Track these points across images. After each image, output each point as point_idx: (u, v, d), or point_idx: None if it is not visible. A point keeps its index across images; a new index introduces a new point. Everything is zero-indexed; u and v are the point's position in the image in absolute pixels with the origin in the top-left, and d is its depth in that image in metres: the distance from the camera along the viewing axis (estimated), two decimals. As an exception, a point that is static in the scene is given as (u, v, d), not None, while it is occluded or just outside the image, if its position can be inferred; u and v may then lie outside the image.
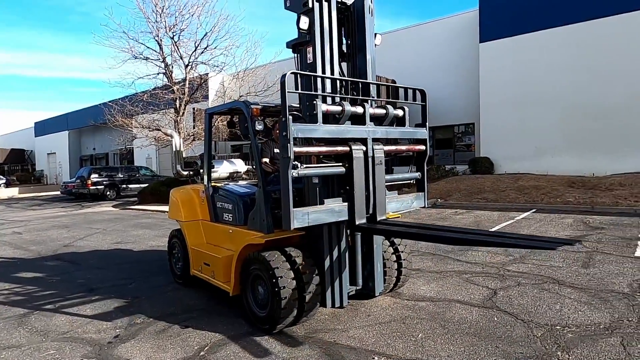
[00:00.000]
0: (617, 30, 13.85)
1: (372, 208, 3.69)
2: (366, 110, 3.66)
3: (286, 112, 3.06)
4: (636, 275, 5.02)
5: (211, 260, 4.51)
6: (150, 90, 17.26)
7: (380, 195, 3.74)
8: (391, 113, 3.90)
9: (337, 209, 3.50)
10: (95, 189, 20.25)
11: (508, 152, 16.06)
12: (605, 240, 7.03)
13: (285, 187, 3.16)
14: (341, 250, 3.86)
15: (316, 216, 3.36)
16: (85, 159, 38.96)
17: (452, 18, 18.26)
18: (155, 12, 15.88)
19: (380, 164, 3.74)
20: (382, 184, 3.75)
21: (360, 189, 3.58)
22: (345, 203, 3.56)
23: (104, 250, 7.96)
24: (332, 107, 3.49)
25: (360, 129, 3.62)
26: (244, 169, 5.63)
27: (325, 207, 3.45)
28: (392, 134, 3.92)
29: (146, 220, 12.42)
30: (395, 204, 4.02)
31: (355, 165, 3.53)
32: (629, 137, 13.82)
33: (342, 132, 3.50)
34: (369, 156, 3.64)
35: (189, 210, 5.19)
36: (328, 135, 3.41)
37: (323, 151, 3.46)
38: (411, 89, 4.04)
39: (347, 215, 3.55)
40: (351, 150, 3.52)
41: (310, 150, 3.40)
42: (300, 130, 3.19)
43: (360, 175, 3.58)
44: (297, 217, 3.22)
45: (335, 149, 3.49)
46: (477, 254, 6.41)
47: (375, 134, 3.72)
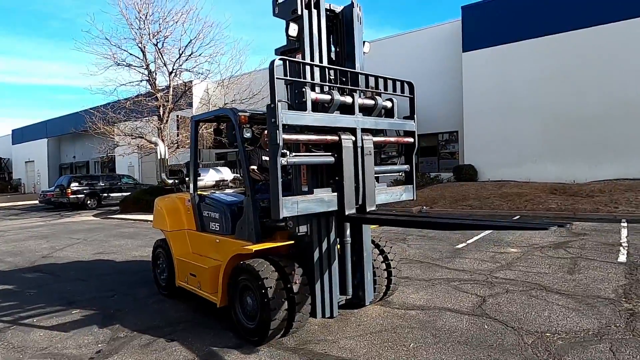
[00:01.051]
0: (593, 41, 14.25)
1: (361, 199, 3.67)
2: (355, 100, 3.65)
3: (275, 99, 3.03)
4: (620, 281, 5.09)
5: (197, 271, 4.41)
6: (133, 97, 17.02)
7: (369, 186, 3.72)
8: (380, 104, 3.90)
9: (327, 199, 3.47)
10: (76, 198, 19.76)
11: (491, 159, 16.29)
12: (588, 246, 7.14)
13: (274, 174, 3.10)
14: (331, 259, 3.81)
15: (305, 205, 3.32)
16: (65, 167, 38.06)
17: (435, 28, 18.55)
18: (139, 18, 15.75)
19: (370, 154, 3.73)
20: (371, 174, 3.74)
21: (349, 179, 3.56)
22: (334, 193, 3.53)
23: (85, 261, 7.72)
24: (321, 96, 3.47)
25: (349, 119, 3.61)
26: (230, 177, 5.56)
27: (314, 197, 3.42)
28: (381, 124, 3.93)
29: (128, 229, 12.15)
30: (384, 195, 4.01)
31: (344, 154, 3.51)
32: (606, 144, 14.18)
33: (331, 120, 3.47)
34: (358, 146, 3.63)
35: (174, 220, 5.08)
36: (317, 123, 3.38)
37: (312, 139, 3.43)
38: (399, 81, 4.04)
39: (337, 205, 3.53)
40: (340, 139, 3.50)
41: (299, 138, 3.35)
42: (289, 117, 3.16)
43: (350, 165, 3.56)
44: (286, 206, 3.16)
45: (324, 138, 3.47)
46: (464, 261, 6.43)
47: (365, 124, 3.71)
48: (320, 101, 3.46)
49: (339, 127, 3.54)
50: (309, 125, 3.36)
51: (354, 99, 3.63)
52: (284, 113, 3.09)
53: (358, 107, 3.66)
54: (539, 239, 7.92)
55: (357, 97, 3.67)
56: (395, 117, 4.07)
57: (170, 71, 16.45)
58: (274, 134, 3.04)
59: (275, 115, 3.02)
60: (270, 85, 3.06)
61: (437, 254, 7.01)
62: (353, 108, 3.64)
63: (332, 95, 3.48)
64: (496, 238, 8.17)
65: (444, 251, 7.19)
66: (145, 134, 16.11)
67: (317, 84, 3.57)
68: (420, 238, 8.53)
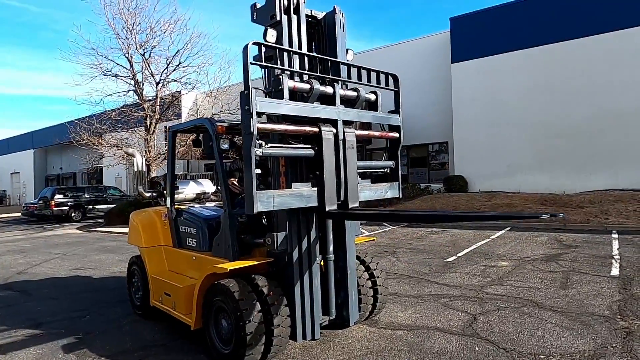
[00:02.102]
0: (580, 53, 14.35)
1: (343, 195, 3.46)
2: (336, 91, 3.46)
3: (248, 85, 2.85)
4: (614, 296, 4.93)
5: (172, 290, 4.15)
6: (119, 108, 16.73)
7: (352, 181, 3.52)
8: (363, 96, 3.72)
9: (306, 194, 3.26)
10: (59, 210, 19.28)
11: (481, 170, 16.23)
12: (580, 259, 7.00)
13: (248, 167, 2.90)
14: (313, 277, 3.58)
15: (282, 200, 3.10)
16: (51, 179, 37.41)
17: (425, 39, 18.62)
18: (126, 28, 15.55)
19: (352, 147, 3.54)
20: (353, 169, 3.55)
21: (330, 173, 3.36)
22: (314, 188, 3.33)
23: (61, 278, 7.38)
24: (299, 84, 3.28)
25: (330, 109, 3.42)
26: (212, 190, 5.32)
27: (292, 191, 3.21)
28: (364, 117, 3.74)
29: (111, 243, 11.79)
30: (368, 192, 3.82)
31: (325, 147, 3.32)
32: (595, 155, 14.20)
33: (310, 111, 3.28)
34: (339, 139, 3.44)
35: (150, 235, 4.82)
36: (295, 113, 3.18)
37: (290, 130, 3.22)
38: (383, 73, 3.88)
39: (317, 200, 3.32)
40: (321, 131, 3.31)
41: (275, 128, 3.15)
42: (264, 105, 2.96)
43: (331, 159, 3.37)
44: (261, 200, 2.95)
45: (303, 129, 3.27)
46: (454, 275, 6.23)
47: (347, 116, 3.53)
48: (298, 90, 3.28)
49: (319, 118, 3.35)
50: (287, 115, 3.17)
51: (335, 89, 3.46)
52: (258, 100, 2.91)
53: (339, 99, 3.48)
54: (530, 252, 7.76)
55: (339, 88, 3.50)
56: (379, 110, 3.90)
57: (158, 81, 16.23)
58: (247, 122, 2.85)
59: (249, 102, 2.83)
60: (244, 71, 2.88)
61: (427, 267, 6.81)
62: (334, 99, 3.46)
63: (312, 84, 3.29)
64: (487, 251, 8.01)
65: (433, 265, 6.99)
66: (125, 145, 15.80)
67: (296, 71, 3.36)
68: (409, 251, 8.33)
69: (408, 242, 9.51)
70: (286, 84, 3.14)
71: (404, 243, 9.34)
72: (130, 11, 15.53)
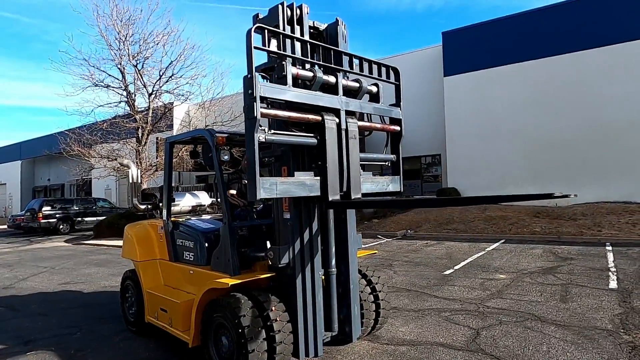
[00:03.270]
0: (570, 67, 14.60)
1: (346, 185, 3.41)
2: (339, 81, 3.44)
3: (252, 69, 2.80)
4: (615, 310, 4.90)
5: (169, 306, 4.02)
6: (110, 118, 16.57)
7: (354, 172, 3.47)
8: (365, 87, 3.70)
9: (309, 183, 3.21)
10: (47, 223, 18.88)
11: (474, 182, 16.29)
12: (577, 271, 6.99)
13: (251, 152, 2.83)
14: (315, 292, 3.50)
15: (285, 187, 3.04)
16: (39, 190, 36.78)
17: (418, 52, 18.82)
18: (119, 39, 15.47)
19: (355, 138, 3.50)
20: (356, 160, 3.50)
21: (333, 162, 3.31)
22: (317, 177, 3.27)
23: (49, 293, 7.16)
24: (302, 72, 3.24)
25: (333, 98, 3.39)
26: (208, 202, 5.22)
27: (295, 180, 3.15)
28: (366, 108, 3.72)
29: (101, 256, 11.54)
30: (370, 184, 3.77)
31: (327, 136, 3.28)
32: (585, 168, 14.36)
33: (313, 98, 3.24)
34: (342, 128, 3.40)
35: (145, 249, 4.69)
36: (298, 99, 3.13)
37: (293, 117, 3.16)
38: (384, 66, 3.86)
39: (319, 190, 3.26)
40: (323, 119, 3.27)
41: (278, 114, 3.09)
42: (267, 90, 2.92)
43: (333, 148, 3.33)
44: (264, 187, 2.88)
45: (306, 117, 3.22)
46: (453, 288, 6.17)
47: (349, 106, 3.50)
48: (301, 78, 3.25)
49: (322, 107, 3.31)
50: (290, 101, 3.12)
51: (337, 79, 3.43)
52: (262, 85, 2.87)
53: (342, 89, 3.46)
54: (527, 264, 7.75)
55: (341, 78, 3.48)
56: (381, 102, 3.89)
57: (150, 92, 16.13)
58: (250, 107, 2.81)
59: (252, 86, 2.79)
60: (247, 55, 2.83)
61: (425, 281, 6.74)
62: (337, 89, 3.43)
63: (315, 72, 3.26)
64: (484, 263, 7.97)
65: (431, 278, 6.93)
66: (120, 156, 15.61)
67: (299, 58, 3.31)
68: (406, 264, 8.26)
69: (404, 254, 9.44)
70: (289, 70, 3.10)
71: (399, 256, 9.27)
72: (124, 22, 15.50)
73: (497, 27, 16.36)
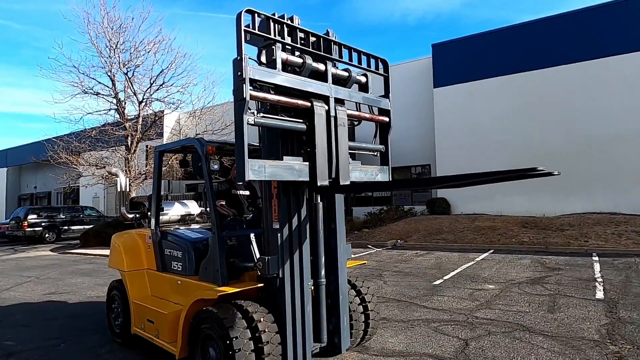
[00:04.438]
0: (556, 80, 14.90)
1: (334, 172, 3.42)
2: (328, 69, 3.47)
3: (242, 52, 2.81)
4: (602, 320, 4.95)
5: (155, 317, 3.96)
6: (99, 126, 16.43)
7: (343, 159, 3.48)
8: (354, 76, 3.74)
9: (297, 167, 3.22)
10: (32, 231, 18.54)
11: (463, 193, 16.39)
12: (564, 282, 7.05)
13: (239, 134, 2.83)
14: (304, 303, 3.48)
15: (274, 170, 3.05)
16: (24, 198, 36.19)
17: (408, 64, 19.03)
18: (109, 47, 15.42)
19: (343, 125, 3.53)
20: (345, 148, 3.53)
21: (322, 148, 3.33)
22: (306, 163, 3.28)
23: (33, 303, 7.01)
24: (292, 58, 3.26)
25: (322, 85, 3.41)
26: (197, 211, 5.19)
27: (284, 163, 3.15)
28: (355, 97, 3.76)
29: (87, 266, 11.36)
30: (358, 172, 3.78)
31: (317, 122, 3.30)
32: (571, 179, 14.55)
33: (303, 84, 3.26)
34: (331, 116, 3.42)
35: (133, 258, 4.63)
36: (287, 84, 3.15)
37: (282, 101, 3.18)
38: (373, 57, 3.90)
39: (308, 175, 3.27)
40: (313, 105, 3.29)
41: (267, 97, 3.10)
42: (257, 72, 2.93)
43: (322, 135, 3.35)
44: (253, 169, 2.88)
45: (295, 102, 3.24)
46: (442, 299, 6.18)
47: (338, 94, 3.53)
48: (290, 63, 3.27)
49: (311, 93, 3.33)
50: (279, 85, 3.14)
51: (327, 66, 3.46)
52: (252, 67, 2.88)
53: (331, 77, 3.49)
54: (515, 274, 7.80)
55: (330, 66, 3.51)
56: (369, 92, 3.93)
57: (141, 100, 16.05)
58: (240, 88, 2.82)
59: (242, 68, 2.80)
60: (237, 38, 2.85)
61: (414, 291, 6.75)
62: (326, 76, 3.46)
63: (305, 59, 3.29)
64: (473, 274, 8.01)
65: (421, 288, 6.94)
66: (108, 165, 15.46)
67: (288, 44, 3.32)
68: (396, 274, 8.27)
69: (394, 264, 9.45)
70: (279, 55, 3.13)
71: (389, 266, 9.28)
72: (115, 30, 15.46)
73: (486, 40, 16.66)
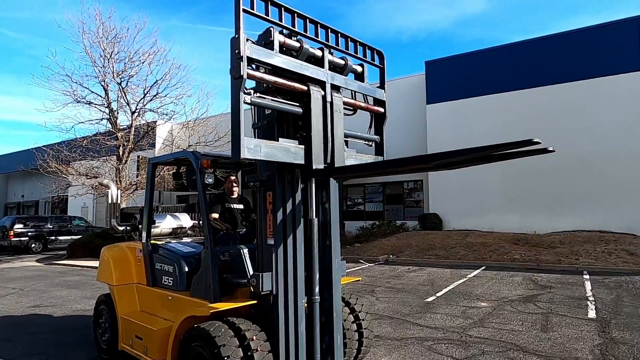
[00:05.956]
0: (548, 99, 15.14)
1: (330, 157, 3.41)
2: (325, 55, 3.48)
3: (239, 30, 2.80)
4: (595, 340, 4.93)
5: (144, 333, 3.86)
6: (91, 135, 16.27)
7: (338, 145, 3.47)
8: (350, 64, 3.76)
9: (293, 150, 3.21)
10: (18, 241, 18.17)
11: (455, 208, 16.50)
12: (557, 300, 7.05)
13: (235, 111, 2.80)
14: (298, 320, 3.41)
15: (269, 151, 3.02)
16: (11, 207, 35.61)
17: (401, 80, 19.23)
18: (104, 57, 15.37)
19: (339, 112, 3.54)
20: (340, 134, 3.52)
21: (318, 132, 3.32)
22: (301, 146, 3.27)
23: (16, 317, 6.82)
24: (289, 41, 3.26)
25: (319, 70, 3.41)
26: (189, 224, 5.12)
27: (280, 144, 3.13)
28: (351, 85, 3.77)
29: (74, 277, 11.12)
30: (353, 160, 3.78)
31: (313, 106, 3.29)
32: (561, 197, 14.75)
33: (300, 67, 3.25)
34: (327, 101, 3.42)
35: (122, 272, 4.54)
36: (284, 65, 3.14)
37: (279, 82, 3.16)
38: (370, 49, 3.92)
39: (304, 158, 3.26)
40: (309, 89, 3.28)
41: (264, 77, 3.08)
42: (255, 51, 2.91)
43: (318, 119, 3.34)
44: (249, 147, 2.84)
45: (292, 85, 3.22)
46: (435, 316, 6.13)
47: (334, 80, 3.53)
48: (288, 47, 3.27)
49: (308, 77, 3.33)
50: (276, 66, 3.12)
51: (324, 53, 3.48)
52: (249, 46, 2.87)
53: (328, 63, 3.50)
54: (508, 292, 7.79)
55: (327, 53, 3.52)
56: (365, 82, 3.94)
57: (134, 111, 15.95)
58: (237, 66, 2.80)
59: (239, 46, 2.79)
60: (235, 16, 2.84)
61: (407, 308, 6.69)
62: (323, 62, 3.47)
63: (302, 43, 3.30)
64: (465, 291, 7.98)
65: (413, 305, 6.88)
66: (100, 175, 15.28)
67: (286, 27, 3.30)
68: (388, 290, 8.21)
69: (386, 280, 9.39)
70: (277, 37, 3.13)
71: (382, 281, 9.22)
72: (109, 40, 15.42)
73: (478, 58, 16.94)
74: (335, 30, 3.68)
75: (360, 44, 3.86)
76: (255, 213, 4.01)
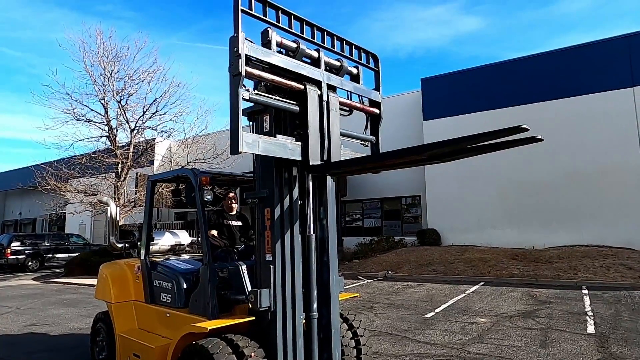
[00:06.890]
0: (544, 115, 15.31)
1: (326, 155, 3.45)
2: (321, 56, 3.56)
3: (238, 29, 2.87)
4: (594, 355, 4.92)
5: (142, 351, 3.86)
6: (90, 153, 16.35)
7: (334, 143, 3.52)
8: (346, 66, 3.83)
9: (290, 146, 3.25)
10: (15, 259, 18.06)
11: (453, 224, 16.52)
12: (556, 315, 7.04)
13: (234, 107, 2.86)
14: (297, 337, 3.42)
15: (267, 146, 3.07)
16: (8, 225, 35.45)
17: (398, 97, 19.47)
18: (104, 75, 15.56)
19: (335, 111, 3.60)
20: (337, 133, 3.58)
21: (314, 130, 3.37)
22: (298, 142, 3.32)
23: (13, 335, 6.76)
24: (286, 41, 3.35)
25: (315, 70, 3.49)
26: (187, 241, 5.14)
27: (277, 140, 3.18)
28: (346, 85, 3.84)
29: (71, 295, 11.04)
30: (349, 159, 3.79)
31: (309, 104, 3.36)
32: (559, 212, 14.80)
33: (297, 66, 3.33)
34: (323, 100, 3.48)
35: (121, 289, 4.54)
36: (282, 64, 3.22)
37: (277, 80, 3.22)
38: (364, 51, 4.01)
39: (301, 155, 3.30)
40: (306, 88, 3.35)
41: (262, 75, 3.13)
42: (253, 49, 2.99)
43: (315, 117, 3.40)
44: (247, 142, 2.89)
45: (289, 83, 3.29)
46: (434, 332, 6.11)
47: (330, 80, 3.60)
48: (285, 47, 3.36)
49: (305, 77, 3.40)
50: (274, 65, 3.20)
51: (320, 54, 3.56)
52: (248, 45, 2.95)
53: (324, 64, 3.58)
54: (507, 308, 7.77)
55: (323, 54, 3.60)
56: (361, 84, 4.02)
57: (133, 128, 16.07)
58: (235, 64, 2.88)
59: (237, 44, 2.87)
60: (234, 16, 2.92)
61: (406, 324, 6.67)
62: (319, 63, 3.55)
63: (299, 43, 3.39)
64: (464, 306, 7.96)
65: (412, 321, 6.86)
66: (99, 192, 15.30)
67: (283, 28, 3.38)
68: (387, 306, 8.18)
69: (385, 296, 9.36)
70: (274, 37, 3.22)
71: (380, 298, 9.19)
72: (110, 59, 15.64)
73: (473, 75, 17.20)
74: (331, 32, 3.79)
75: (355, 46, 3.97)
76: (253, 229, 4.05)
